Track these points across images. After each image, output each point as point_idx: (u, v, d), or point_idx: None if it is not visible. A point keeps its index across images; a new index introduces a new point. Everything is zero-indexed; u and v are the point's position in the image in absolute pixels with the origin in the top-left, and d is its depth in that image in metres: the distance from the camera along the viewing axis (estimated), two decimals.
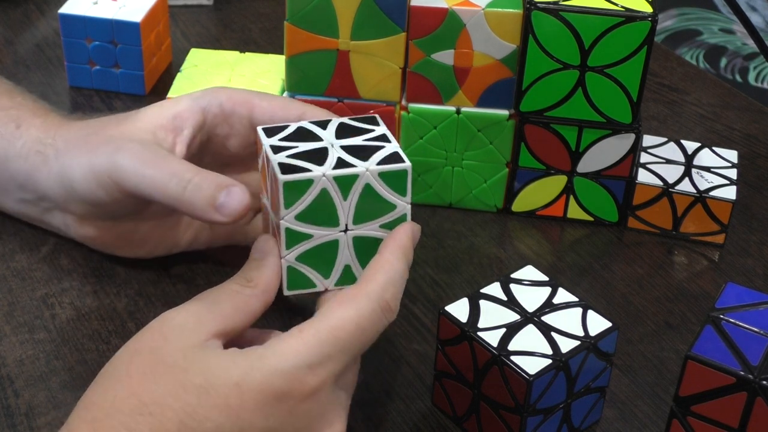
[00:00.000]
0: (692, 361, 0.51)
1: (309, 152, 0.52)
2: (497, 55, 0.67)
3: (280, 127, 0.55)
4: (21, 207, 0.65)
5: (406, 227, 0.53)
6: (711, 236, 0.71)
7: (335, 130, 0.55)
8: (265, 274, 0.52)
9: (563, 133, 0.69)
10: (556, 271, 0.68)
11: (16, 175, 0.63)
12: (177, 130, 0.60)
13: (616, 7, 0.64)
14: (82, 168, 0.59)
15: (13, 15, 0.93)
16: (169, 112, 0.60)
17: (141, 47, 0.80)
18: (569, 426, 0.56)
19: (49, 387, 0.58)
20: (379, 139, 0.54)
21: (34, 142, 0.62)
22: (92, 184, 0.59)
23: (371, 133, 0.54)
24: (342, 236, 0.53)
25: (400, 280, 0.51)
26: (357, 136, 0.54)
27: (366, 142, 0.53)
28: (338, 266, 0.54)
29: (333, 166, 0.51)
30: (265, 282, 0.52)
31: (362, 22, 0.66)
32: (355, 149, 0.53)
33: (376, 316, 0.50)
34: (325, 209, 0.52)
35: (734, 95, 0.88)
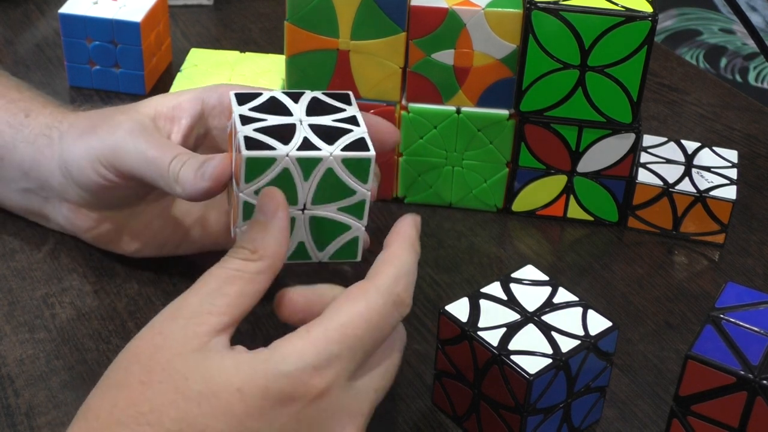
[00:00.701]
0: (692, 361, 0.51)
1: (276, 127, 0.53)
2: (497, 55, 0.67)
3: (254, 94, 0.55)
4: (22, 198, 0.66)
5: (408, 220, 0.53)
6: (711, 236, 0.71)
7: (307, 104, 0.55)
8: (270, 242, 0.48)
9: (563, 133, 0.69)
10: (556, 271, 0.68)
11: (22, 162, 0.63)
12: (175, 119, 0.60)
13: (616, 6, 0.64)
14: (80, 149, 0.60)
15: (13, 15, 0.93)
16: (170, 102, 0.61)
17: (141, 47, 0.80)
18: (569, 426, 0.56)
19: (49, 387, 0.58)
20: (349, 122, 0.54)
21: (42, 127, 0.63)
22: (88, 166, 0.59)
23: (342, 113, 0.55)
24: (299, 214, 0.53)
25: (411, 271, 0.50)
26: (327, 114, 0.54)
27: (335, 123, 0.54)
28: (292, 242, 0.54)
29: (298, 146, 0.51)
30: (272, 252, 0.48)
31: (362, 22, 0.66)
32: (322, 130, 0.53)
33: (387, 310, 0.48)
34: (285, 187, 0.52)
35: (734, 95, 0.88)
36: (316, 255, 0.55)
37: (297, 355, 0.46)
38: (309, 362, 0.46)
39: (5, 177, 0.65)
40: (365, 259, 0.56)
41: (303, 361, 0.45)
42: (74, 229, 0.65)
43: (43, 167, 0.63)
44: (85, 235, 0.64)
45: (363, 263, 0.56)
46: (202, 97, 0.61)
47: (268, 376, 0.45)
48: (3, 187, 0.66)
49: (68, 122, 0.63)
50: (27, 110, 0.65)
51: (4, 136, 0.64)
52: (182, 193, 0.55)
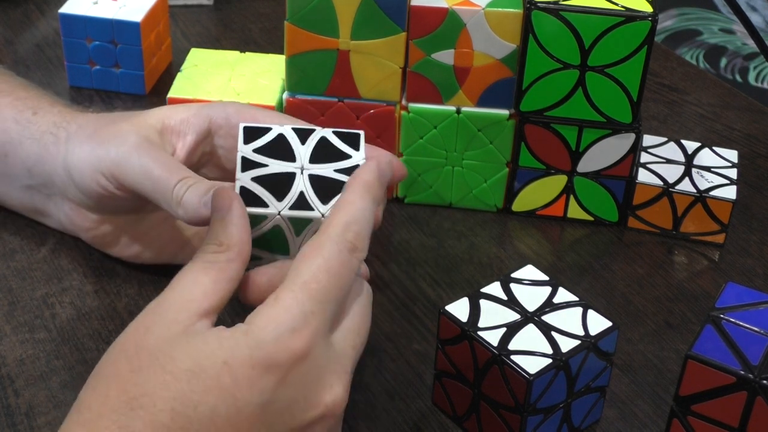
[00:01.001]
0: (692, 361, 0.51)
1: (275, 177, 0.53)
2: (497, 55, 0.67)
3: (263, 129, 0.55)
4: (25, 195, 0.66)
5: (369, 165, 0.52)
6: (711, 236, 0.71)
7: (313, 147, 0.54)
8: (233, 231, 0.50)
9: (563, 133, 0.69)
10: (556, 271, 0.68)
11: (27, 158, 0.63)
12: (182, 134, 0.60)
13: (617, 6, 0.64)
14: (83, 156, 0.60)
15: (13, 15, 0.93)
16: (179, 115, 0.61)
17: (141, 47, 0.80)
18: (569, 425, 0.56)
19: (49, 386, 0.58)
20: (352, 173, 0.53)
21: (49, 125, 0.63)
22: (90, 174, 0.59)
23: (347, 161, 0.54)
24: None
25: (363, 217, 0.50)
26: (331, 161, 0.53)
27: (336, 174, 0.53)
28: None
29: (291, 204, 0.52)
30: (237, 240, 0.49)
31: (362, 22, 0.66)
32: (321, 183, 0.53)
33: (344, 257, 0.49)
34: (278, 240, 0.52)
35: (734, 95, 0.88)
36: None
37: (273, 322, 0.46)
38: (286, 326, 0.46)
39: (9, 173, 0.65)
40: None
41: (280, 326, 0.46)
42: (74, 228, 0.65)
43: (47, 164, 0.63)
44: (85, 234, 0.65)
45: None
46: (210, 115, 0.61)
47: (251, 346, 0.46)
48: (6, 184, 0.66)
49: (76, 123, 0.63)
50: (35, 108, 0.65)
51: (10, 133, 0.64)
52: (183, 216, 0.55)
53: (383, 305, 0.65)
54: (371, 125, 0.70)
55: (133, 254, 0.64)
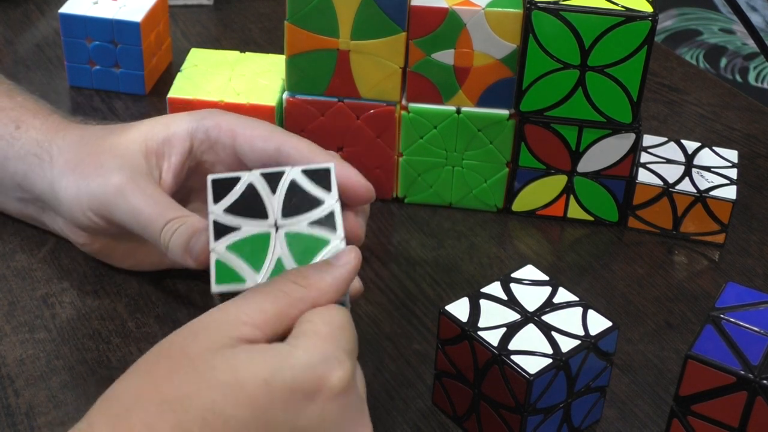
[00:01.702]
0: (692, 361, 0.51)
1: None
2: (497, 55, 0.67)
3: (231, 180, 0.53)
4: (20, 206, 0.66)
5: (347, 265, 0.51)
6: (711, 236, 0.71)
7: (284, 196, 0.53)
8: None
9: (563, 133, 0.69)
10: (556, 271, 0.68)
11: (15, 175, 0.63)
12: (165, 155, 0.60)
13: (617, 6, 0.64)
14: (69, 191, 0.60)
15: (13, 15, 0.93)
16: (160, 135, 0.60)
17: (141, 47, 0.80)
18: (569, 425, 0.56)
19: (49, 386, 0.58)
20: (327, 225, 0.52)
21: (32, 144, 0.62)
22: (76, 209, 0.60)
23: (319, 208, 0.52)
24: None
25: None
26: (304, 212, 0.52)
27: (311, 229, 0.52)
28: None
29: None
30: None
31: (362, 22, 0.66)
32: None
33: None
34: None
35: (734, 95, 0.88)
36: None
37: (320, 347, 0.46)
38: (331, 354, 0.46)
39: (1, 186, 0.65)
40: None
41: (325, 353, 0.46)
42: (71, 240, 0.65)
43: (36, 185, 0.62)
44: (81, 248, 0.65)
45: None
46: (190, 133, 0.60)
47: (295, 369, 0.45)
48: (1, 195, 0.66)
49: (57, 146, 0.62)
50: (17, 121, 0.64)
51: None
52: (172, 259, 0.56)
53: (383, 305, 0.65)
54: (371, 125, 0.70)
55: (131, 265, 0.64)
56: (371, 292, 0.66)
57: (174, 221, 0.56)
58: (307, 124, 0.70)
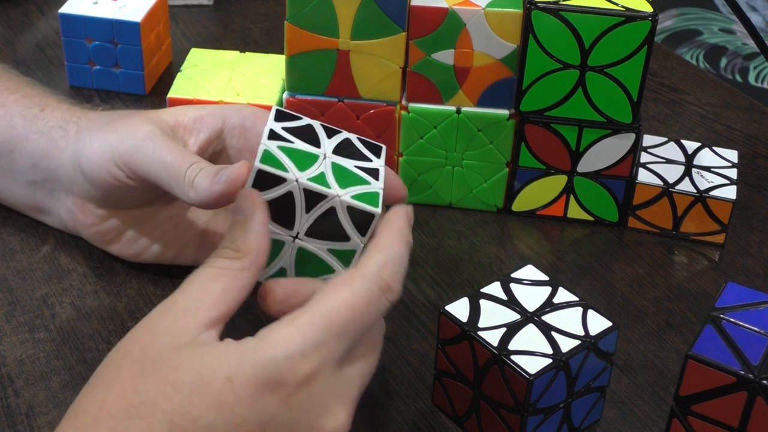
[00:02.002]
0: (692, 361, 0.51)
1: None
2: (497, 55, 0.67)
3: (294, 116, 0.55)
4: (28, 191, 0.66)
5: (399, 211, 0.52)
6: (711, 236, 0.71)
7: (338, 143, 0.54)
8: (252, 238, 0.49)
9: (563, 133, 0.69)
10: (556, 271, 0.68)
11: (33, 153, 0.64)
12: (195, 131, 0.61)
13: (617, 6, 0.64)
14: (95, 145, 0.60)
15: (13, 15, 0.93)
16: (193, 113, 0.61)
17: (141, 47, 0.80)
18: (569, 425, 0.56)
19: (49, 387, 0.58)
20: (370, 173, 0.53)
21: (58, 120, 0.64)
22: (102, 164, 0.59)
23: (368, 162, 0.54)
24: (289, 240, 0.52)
25: (400, 259, 0.50)
26: (353, 159, 0.53)
27: (357, 170, 0.53)
28: (275, 265, 0.53)
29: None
30: (255, 247, 0.49)
31: (362, 22, 0.66)
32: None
33: (373, 296, 0.48)
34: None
35: (734, 95, 0.88)
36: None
37: (284, 342, 0.46)
38: (296, 348, 0.46)
39: (13, 169, 0.65)
40: None
41: (290, 347, 0.46)
42: (76, 224, 0.65)
43: (53, 158, 0.63)
44: (87, 231, 0.64)
45: None
46: (224, 115, 0.61)
47: (257, 364, 0.45)
48: (9, 180, 0.66)
49: (87, 118, 0.63)
50: (42, 105, 0.65)
51: (17, 128, 0.64)
52: (195, 197, 0.54)
53: None
54: (371, 125, 0.70)
55: (133, 253, 0.64)
56: None
57: (201, 162, 0.55)
58: None
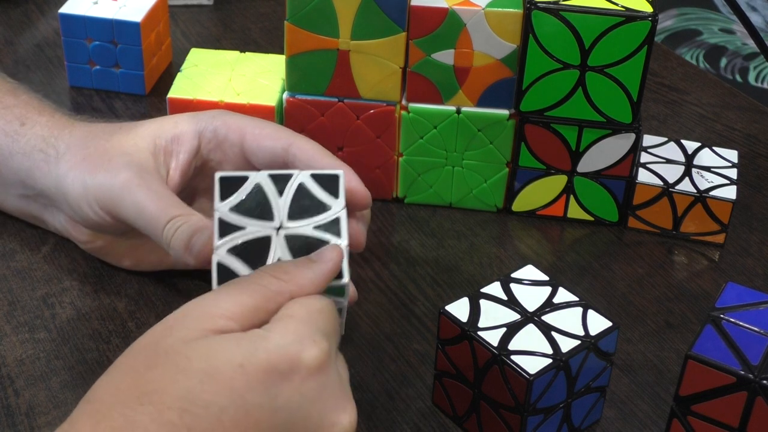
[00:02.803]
0: (692, 361, 0.51)
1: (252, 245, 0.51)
2: (497, 55, 0.67)
3: (240, 179, 0.53)
4: (22, 203, 0.66)
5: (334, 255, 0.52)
6: (711, 236, 0.71)
7: (291, 198, 0.53)
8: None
9: (563, 133, 0.69)
10: (556, 271, 0.68)
11: (19, 171, 0.63)
12: (174, 153, 0.61)
13: (617, 6, 0.64)
14: (76, 185, 0.60)
15: (13, 15, 0.93)
16: (168, 133, 0.61)
17: (141, 47, 0.80)
18: (569, 425, 0.56)
19: (49, 387, 0.58)
20: (331, 230, 0.52)
21: (38, 140, 0.63)
22: (83, 203, 0.60)
23: (326, 213, 0.52)
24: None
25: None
26: (310, 216, 0.52)
27: (315, 232, 0.52)
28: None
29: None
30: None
31: (362, 22, 0.66)
32: (299, 245, 0.52)
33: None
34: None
35: (734, 95, 0.88)
36: None
37: (293, 329, 0.46)
38: (305, 334, 0.46)
39: (3, 182, 0.65)
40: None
41: (299, 333, 0.46)
42: (72, 238, 0.65)
43: (39, 181, 0.62)
44: (82, 246, 0.65)
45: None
46: (198, 131, 0.61)
47: (269, 350, 0.45)
48: (2, 192, 0.66)
49: (64, 142, 0.62)
50: (22, 118, 0.64)
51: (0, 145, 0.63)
52: (174, 257, 0.56)
53: (383, 305, 0.65)
54: (371, 125, 0.70)
55: (131, 264, 0.65)
56: (371, 292, 0.66)
57: (177, 219, 0.56)
58: (307, 124, 0.70)
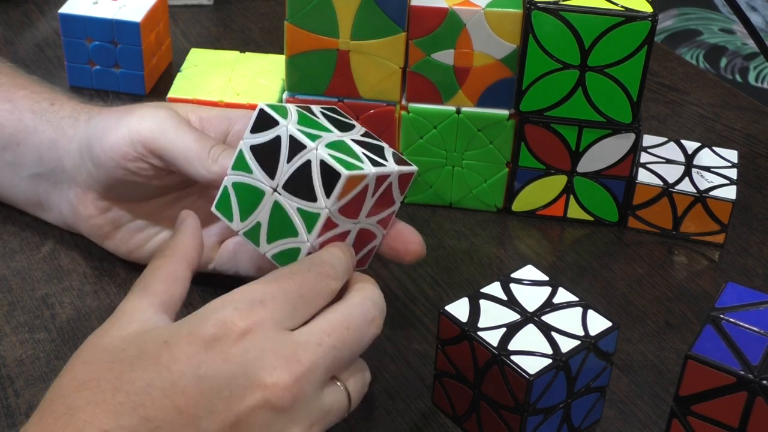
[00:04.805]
0: (692, 361, 0.51)
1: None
2: (497, 55, 0.67)
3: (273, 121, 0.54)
4: (30, 185, 0.66)
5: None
6: (711, 236, 0.71)
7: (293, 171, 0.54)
8: (181, 240, 0.54)
9: (563, 133, 0.69)
10: (556, 271, 0.68)
11: (40, 145, 0.64)
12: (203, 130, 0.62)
13: (616, 6, 0.64)
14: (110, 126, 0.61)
15: (13, 15, 0.93)
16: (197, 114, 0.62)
17: (141, 47, 0.80)
18: (569, 426, 0.56)
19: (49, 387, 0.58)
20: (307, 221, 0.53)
21: (68, 111, 0.65)
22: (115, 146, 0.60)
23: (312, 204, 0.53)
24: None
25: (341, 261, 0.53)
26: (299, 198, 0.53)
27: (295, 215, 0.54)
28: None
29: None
30: (183, 246, 0.54)
31: (362, 22, 0.66)
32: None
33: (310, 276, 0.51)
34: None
35: (734, 95, 0.88)
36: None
37: (220, 303, 0.49)
38: (230, 306, 0.48)
39: (18, 161, 0.65)
40: None
41: (224, 306, 0.48)
42: (75, 218, 0.65)
43: (60, 147, 0.63)
44: (85, 224, 0.64)
45: None
46: (229, 119, 0.62)
47: (192, 324, 0.48)
48: (13, 174, 0.66)
49: (98, 109, 0.64)
50: (52, 99, 0.66)
51: (25, 121, 0.65)
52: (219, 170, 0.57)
53: None
54: (371, 125, 0.70)
55: (128, 250, 0.64)
56: None
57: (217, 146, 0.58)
58: None
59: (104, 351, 0.48)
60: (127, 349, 0.48)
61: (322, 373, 0.49)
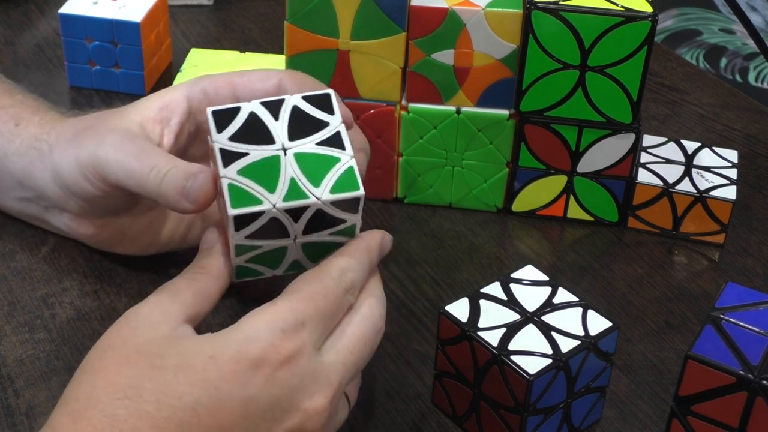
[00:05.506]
0: (692, 361, 0.51)
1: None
2: (497, 55, 0.67)
3: (232, 110, 0.52)
4: (21, 205, 0.66)
5: (375, 234, 0.55)
6: (711, 236, 0.71)
7: (288, 121, 0.52)
8: (216, 259, 0.53)
9: (563, 133, 0.69)
10: (556, 271, 0.68)
11: (15, 172, 0.63)
12: (164, 120, 0.60)
13: (616, 6, 0.64)
14: (69, 162, 0.60)
15: (13, 15, 0.93)
16: (156, 104, 0.60)
17: (141, 47, 0.80)
18: (569, 426, 0.56)
19: (49, 387, 0.58)
20: (334, 144, 0.52)
21: (31, 139, 0.63)
22: (79, 178, 0.59)
23: (325, 130, 0.52)
24: (290, 243, 0.52)
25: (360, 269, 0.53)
26: (310, 134, 0.52)
27: (320, 148, 0.52)
28: (286, 261, 0.54)
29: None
30: (217, 267, 0.53)
31: (362, 22, 0.66)
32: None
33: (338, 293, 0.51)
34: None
35: (734, 95, 0.88)
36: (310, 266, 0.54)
37: (266, 322, 0.48)
38: (277, 327, 0.48)
39: (1, 185, 0.65)
40: None
41: (271, 326, 0.48)
42: (76, 235, 0.65)
43: (37, 179, 0.62)
44: (88, 240, 0.64)
45: None
46: (186, 95, 0.60)
47: (240, 342, 0.47)
48: (1, 195, 0.66)
49: (56, 132, 0.62)
50: (17, 118, 0.64)
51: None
52: (167, 206, 0.55)
53: None
54: (371, 125, 0.70)
55: (138, 250, 0.64)
56: None
57: (162, 166, 0.55)
58: None
59: (139, 354, 0.47)
60: (165, 356, 0.47)
61: (343, 389, 0.50)
